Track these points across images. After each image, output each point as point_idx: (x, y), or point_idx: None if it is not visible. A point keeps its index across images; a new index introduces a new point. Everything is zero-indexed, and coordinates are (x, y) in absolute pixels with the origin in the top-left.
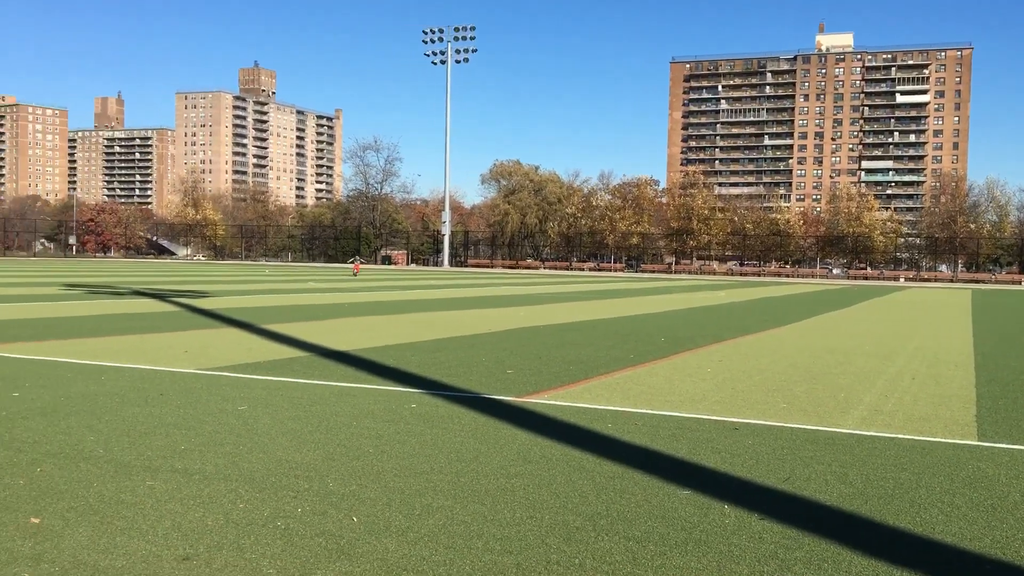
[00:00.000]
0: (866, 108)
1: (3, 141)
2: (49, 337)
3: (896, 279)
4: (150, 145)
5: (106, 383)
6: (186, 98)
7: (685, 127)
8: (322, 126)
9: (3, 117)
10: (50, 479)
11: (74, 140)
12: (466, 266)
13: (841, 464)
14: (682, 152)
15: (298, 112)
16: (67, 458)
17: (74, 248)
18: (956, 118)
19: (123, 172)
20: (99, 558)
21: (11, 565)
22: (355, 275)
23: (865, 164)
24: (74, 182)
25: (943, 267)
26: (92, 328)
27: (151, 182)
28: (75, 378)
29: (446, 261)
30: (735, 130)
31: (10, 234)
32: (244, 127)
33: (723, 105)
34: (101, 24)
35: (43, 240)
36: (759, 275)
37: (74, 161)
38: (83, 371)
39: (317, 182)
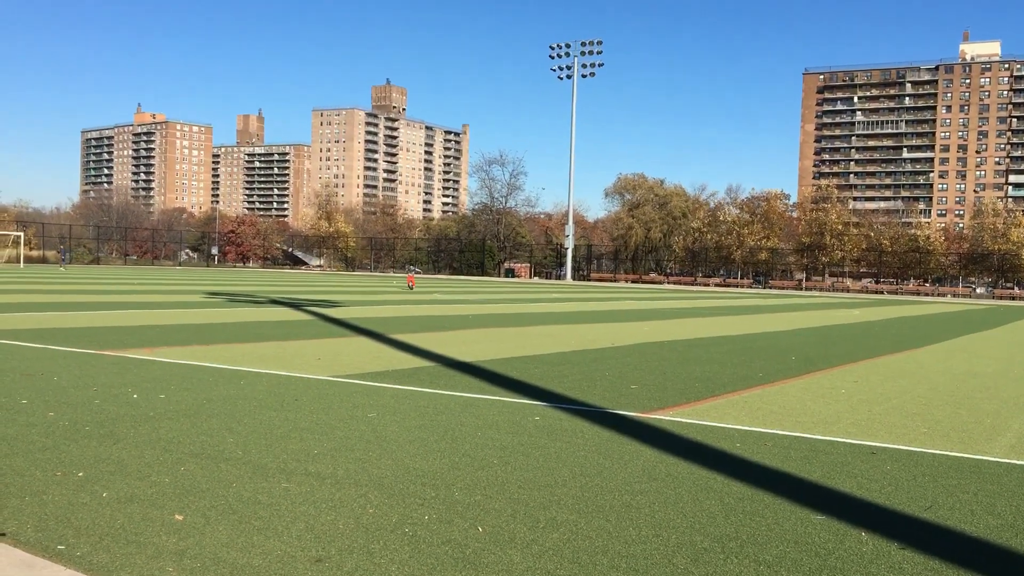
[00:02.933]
0: (1014, 120)
1: (153, 156)
2: (193, 342)
3: None
4: (287, 160)
5: (245, 387)
6: (321, 115)
7: (818, 139)
8: (449, 141)
9: (154, 134)
10: (193, 478)
11: (218, 155)
12: (589, 280)
13: (988, 494)
14: (814, 165)
15: (427, 128)
16: (208, 458)
17: (216, 258)
18: None
19: (262, 186)
20: (238, 556)
21: (157, 560)
22: (410, 288)
23: (1013, 179)
24: (217, 195)
25: None
26: (232, 334)
27: (288, 195)
28: (216, 382)
29: (569, 274)
30: (871, 143)
31: (158, 244)
32: (375, 142)
33: (859, 117)
34: (244, 46)
35: (188, 250)
36: (896, 293)
37: (217, 175)
38: (224, 375)
39: (444, 196)
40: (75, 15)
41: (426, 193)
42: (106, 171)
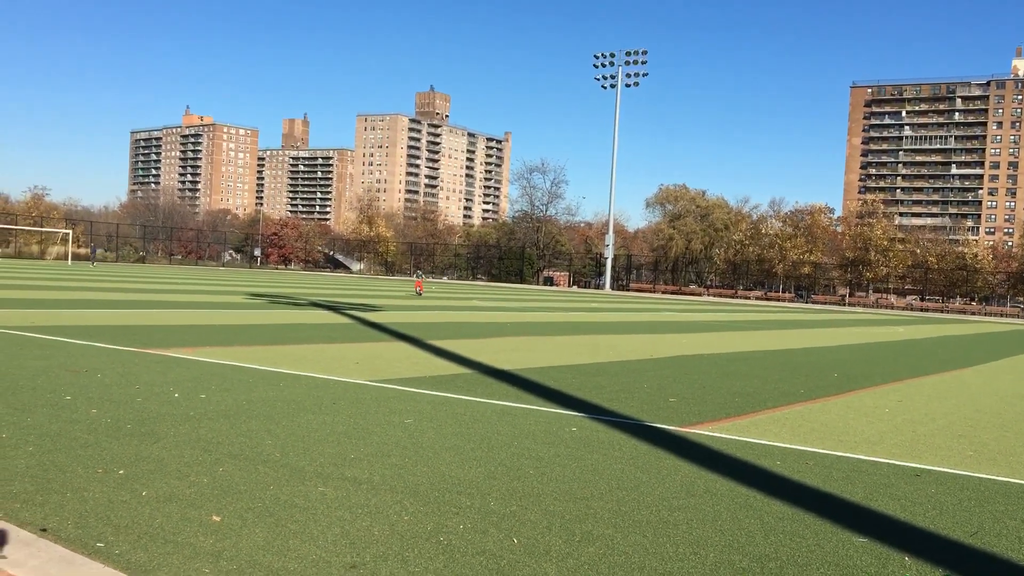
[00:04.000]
0: None
1: (200, 157)
2: (235, 343)
3: None
4: (331, 164)
5: (284, 389)
6: (366, 120)
7: (865, 154)
8: (491, 148)
9: (201, 136)
10: (230, 479)
11: (263, 158)
12: (628, 290)
13: None
14: (860, 180)
15: (469, 134)
16: (247, 460)
17: (258, 260)
18: None
19: (305, 189)
20: (273, 559)
21: (193, 560)
22: (419, 294)
23: None
24: (261, 197)
25: None
26: (273, 336)
27: (330, 199)
28: (256, 383)
29: (608, 284)
30: (919, 158)
31: (202, 245)
32: (418, 148)
33: (907, 132)
34: (291, 51)
35: (231, 251)
36: (942, 311)
37: (262, 178)
38: (263, 377)
39: (484, 202)
40: (127, 18)
41: (467, 199)
42: (154, 171)
